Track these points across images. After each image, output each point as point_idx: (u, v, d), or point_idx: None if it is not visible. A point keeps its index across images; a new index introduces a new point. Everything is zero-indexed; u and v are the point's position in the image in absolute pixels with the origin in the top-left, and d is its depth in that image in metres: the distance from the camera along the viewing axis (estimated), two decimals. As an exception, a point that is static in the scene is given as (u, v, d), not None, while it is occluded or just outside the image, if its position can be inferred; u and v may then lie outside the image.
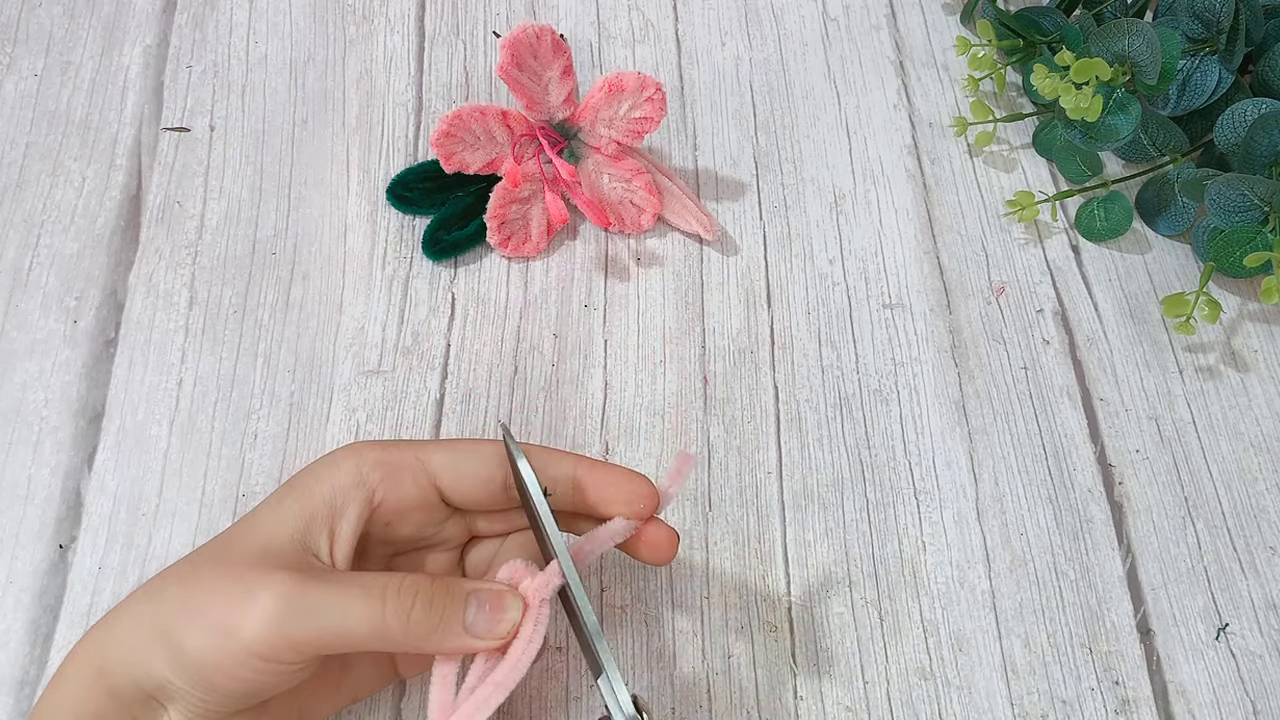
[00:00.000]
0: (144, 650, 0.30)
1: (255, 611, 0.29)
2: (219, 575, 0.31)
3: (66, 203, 0.49)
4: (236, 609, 0.29)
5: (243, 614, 0.29)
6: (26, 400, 0.44)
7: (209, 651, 0.30)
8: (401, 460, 0.34)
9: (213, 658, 0.30)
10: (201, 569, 0.32)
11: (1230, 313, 0.50)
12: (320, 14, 0.56)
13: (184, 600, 0.31)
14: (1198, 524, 0.45)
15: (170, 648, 0.30)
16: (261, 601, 0.29)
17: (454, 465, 0.34)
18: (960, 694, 0.40)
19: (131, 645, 0.31)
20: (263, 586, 0.30)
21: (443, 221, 0.49)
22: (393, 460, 0.34)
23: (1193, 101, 0.50)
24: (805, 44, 0.57)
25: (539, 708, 0.39)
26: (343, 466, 0.33)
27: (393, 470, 0.34)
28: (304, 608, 0.30)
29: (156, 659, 0.30)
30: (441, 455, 0.34)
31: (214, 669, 0.30)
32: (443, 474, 0.34)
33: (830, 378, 0.47)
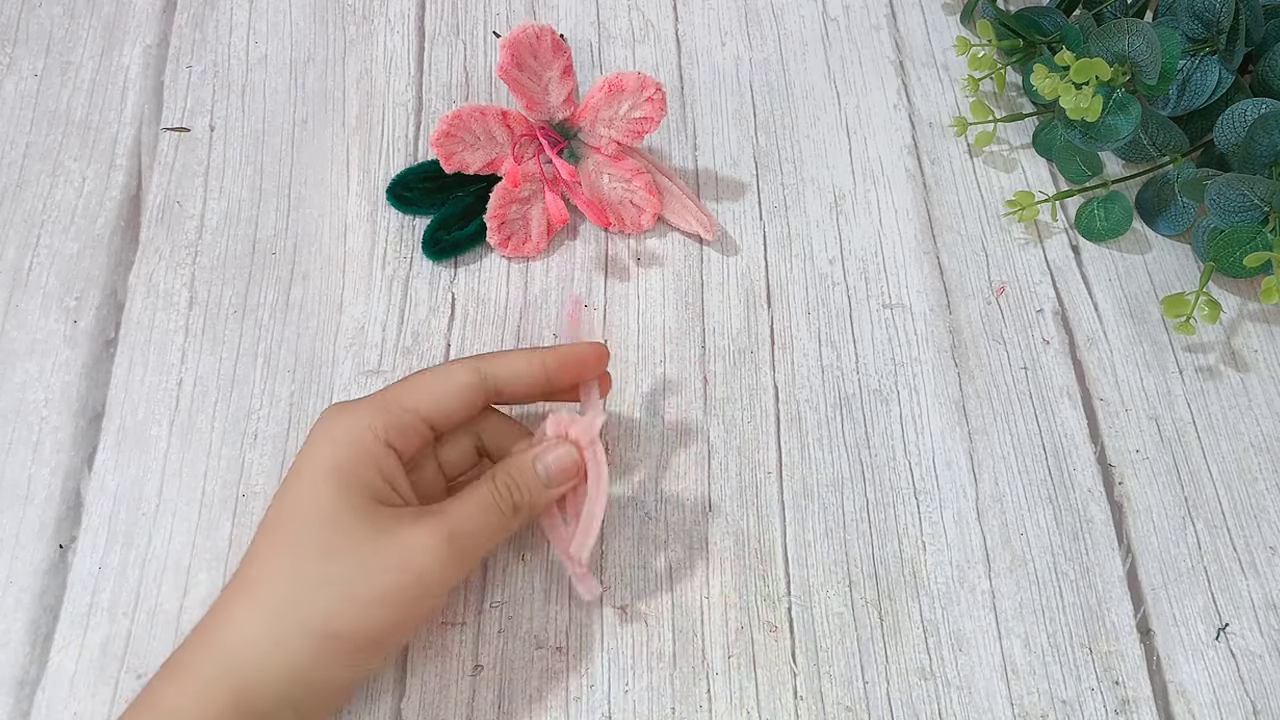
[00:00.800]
0: (303, 663, 0.33)
1: (430, 561, 0.34)
2: (366, 554, 0.34)
3: (66, 203, 0.49)
4: (413, 569, 0.34)
5: (421, 569, 0.34)
6: (26, 400, 0.44)
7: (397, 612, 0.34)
8: (403, 420, 0.37)
9: (401, 614, 0.34)
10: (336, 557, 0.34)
11: (1230, 313, 0.50)
12: (320, 14, 0.56)
13: (339, 590, 0.33)
14: (1198, 524, 0.45)
15: (343, 639, 0.33)
16: (429, 549, 0.34)
17: (436, 402, 0.37)
18: (960, 694, 0.40)
19: (283, 667, 0.33)
20: (421, 540, 0.34)
21: (443, 221, 0.49)
22: (398, 423, 0.36)
23: (1193, 101, 0.50)
24: (805, 44, 0.57)
25: (539, 707, 0.39)
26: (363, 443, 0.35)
27: (401, 431, 0.36)
28: (458, 540, 0.35)
29: (321, 664, 0.33)
30: (421, 396, 0.37)
31: (401, 623, 0.34)
32: (431, 413, 0.37)
33: (830, 378, 0.47)
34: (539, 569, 0.42)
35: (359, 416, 0.36)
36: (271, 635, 0.33)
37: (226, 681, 0.32)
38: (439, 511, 0.35)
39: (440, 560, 0.34)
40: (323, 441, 0.35)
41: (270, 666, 0.32)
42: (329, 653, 0.33)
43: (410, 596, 0.34)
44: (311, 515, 0.34)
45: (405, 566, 0.34)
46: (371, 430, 0.35)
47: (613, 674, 0.40)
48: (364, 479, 0.35)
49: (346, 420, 0.36)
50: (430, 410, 0.37)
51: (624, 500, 0.44)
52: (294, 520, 0.34)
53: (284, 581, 0.34)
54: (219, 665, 0.33)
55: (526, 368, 0.39)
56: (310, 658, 0.33)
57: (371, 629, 0.34)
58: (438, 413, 0.37)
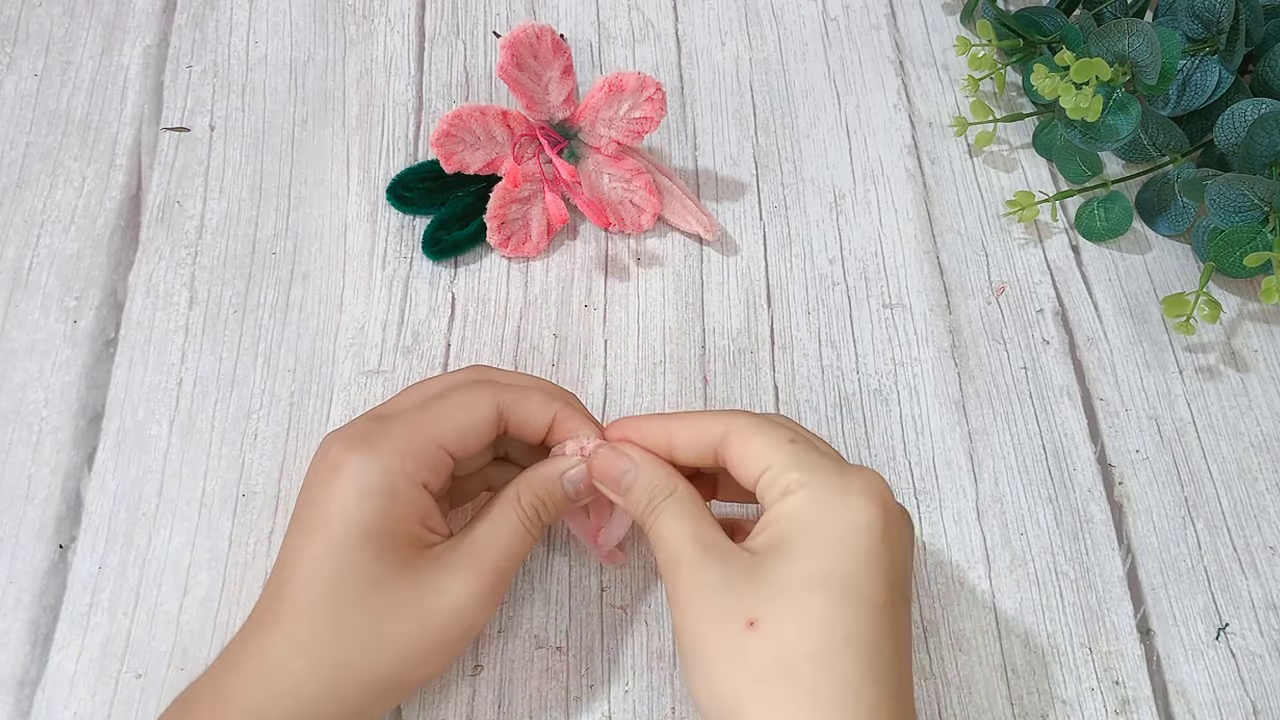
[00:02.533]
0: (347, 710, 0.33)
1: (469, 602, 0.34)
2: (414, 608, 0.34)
3: (66, 203, 0.49)
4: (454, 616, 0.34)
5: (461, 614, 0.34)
6: (26, 400, 0.44)
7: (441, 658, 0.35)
8: (433, 459, 0.35)
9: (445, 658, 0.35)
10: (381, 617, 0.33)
11: (1230, 313, 0.50)
12: (320, 14, 0.56)
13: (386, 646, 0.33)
14: (1198, 524, 0.45)
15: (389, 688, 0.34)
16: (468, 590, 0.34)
17: (461, 437, 0.36)
18: (960, 694, 0.40)
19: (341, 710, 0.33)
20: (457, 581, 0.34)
21: (443, 221, 0.49)
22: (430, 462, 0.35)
23: (1193, 101, 0.50)
24: (805, 44, 0.57)
25: (539, 707, 0.39)
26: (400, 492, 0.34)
27: (433, 470, 0.35)
28: (493, 572, 0.35)
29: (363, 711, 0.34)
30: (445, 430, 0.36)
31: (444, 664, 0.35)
32: (456, 448, 0.36)
33: (830, 378, 0.47)
34: (539, 569, 0.42)
35: (390, 460, 0.34)
36: (331, 690, 0.33)
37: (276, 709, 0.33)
38: (473, 551, 0.35)
39: (486, 603, 0.35)
40: (354, 493, 0.33)
41: (327, 714, 0.33)
42: (386, 699, 0.34)
43: (462, 641, 0.35)
44: (357, 579, 0.33)
45: (454, 616, 0.34)
46: (406, 478, 0.34)
47: (613, 674, 0.40)
48: (405, 533, 0.34)
49: (377, 466, 0.34)
50: (455, 445, 0.36)
51: (624, 500, 0.44)
52: (344, 578, 0.33)
53: (346, 644, 0.33)
54: (273, 710, 0.32)
55: (542, 414, 0.37)
56: (368, 704, 0.34)
57: (429, 674, 0.35)
58: (461, 448, 0.36)
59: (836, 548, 0.31)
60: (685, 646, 0.32)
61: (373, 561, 0.33)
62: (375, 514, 0.33)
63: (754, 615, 0.30)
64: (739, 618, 0.30)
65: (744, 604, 0.31)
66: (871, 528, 0.31)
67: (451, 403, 0.36)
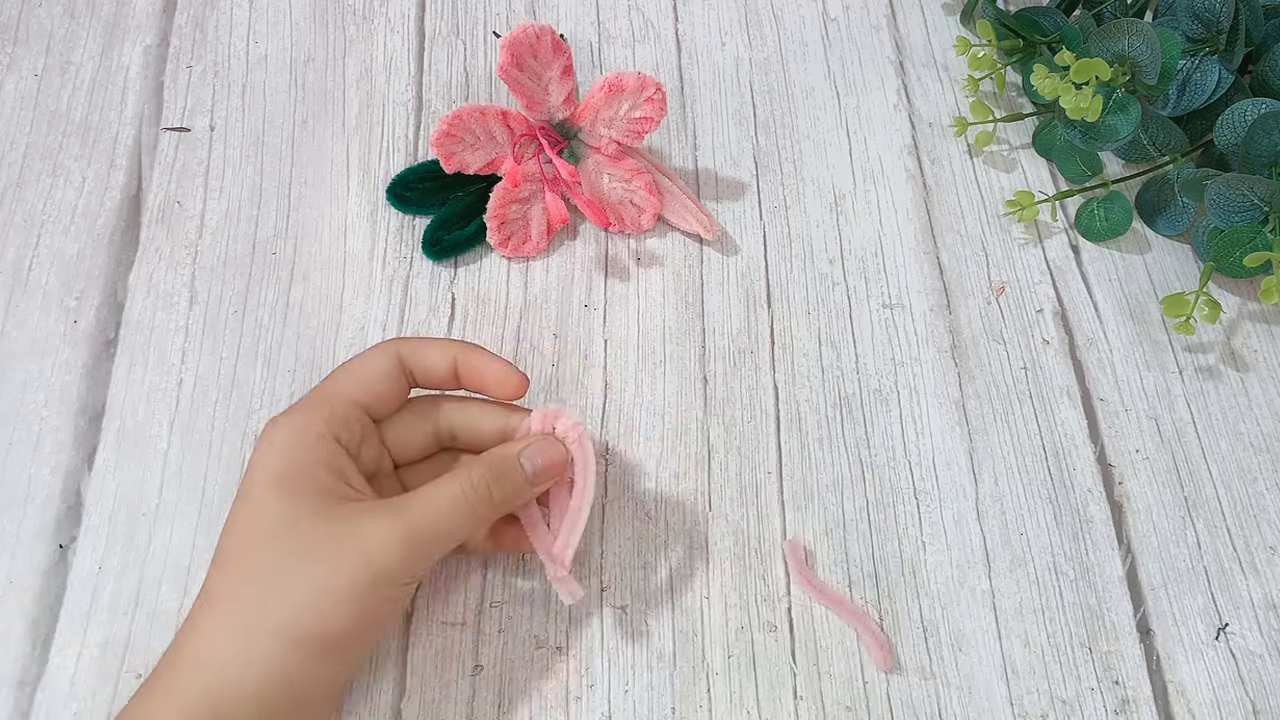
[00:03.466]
0: (274, 668, 0.32)
1: (387, 552, 0.33)
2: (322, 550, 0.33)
3: (66, 203, 0.49)
4: (370, 560, 0.33)
5: (377, 559, 0.33)
6: (26, 400, 0.44)
7: (359, 606, 0.33)
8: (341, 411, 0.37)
9: (364, 609, 0.33)
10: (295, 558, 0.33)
11: (1230, 313, 0.50)
12: (320, 14, 0.56)
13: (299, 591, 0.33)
14: (1198, 524, 0.45)
15: (311, 640, 0.33)
16: (386, 540, 0.34)
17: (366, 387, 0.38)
18: (960, 694, 0.40)
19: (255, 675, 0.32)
20: (377, 531, 0.34)
21: (443, 221, 0.49)
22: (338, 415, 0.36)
23: (1193, 101, 0.50)
24: (805, 44, 0.57)
25: (539, 707, 0.39)
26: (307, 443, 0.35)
27: (342, 422, 0.36)
28: (418, 531, 0.34)
29: (291, 666, 0.33)
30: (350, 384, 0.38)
31: (365, 617, 0.34)
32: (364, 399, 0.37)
33: (830, 378, 0.47)
34: (539, 569, 0.42)
35: (297, 417, 0.36)
36: (243, 645, 0.32)
37: (204, 700, 0.32)
38: (399, 506, 0.35)
39: (397, 557, 0.34)
40: (266, 452, 0.35)
41: (247, 678, 0.32)
42: (302, 655, 0.33)
43: (374, 592, 0.33)
44: (266, 524, 0.34)
45: (362, 561, 0.33)
46: (313, 428, 0.35)
47: (613, 674, 0.40)
48: (314, 479, 0.34)
49: (286, 425, 0.35)
50: (363, 396, 0.37)
51: (624, 500, 0.44)
52: (251, 531, 0.34)
53: (248, 590, 0.33)
54: (195, 684, 0.32)
55: (440, 362, 0.39)
56: (284, 663, 0.32)
57: (340, 626, 0.33)
58: (370, 397, 0.37)
59: None
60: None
61: (280, 504, 0.34)
62: (281, 461, 0.35)
63: None
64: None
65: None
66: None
67: (351, 360, 0.38)
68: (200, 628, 0.33)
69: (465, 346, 0.39)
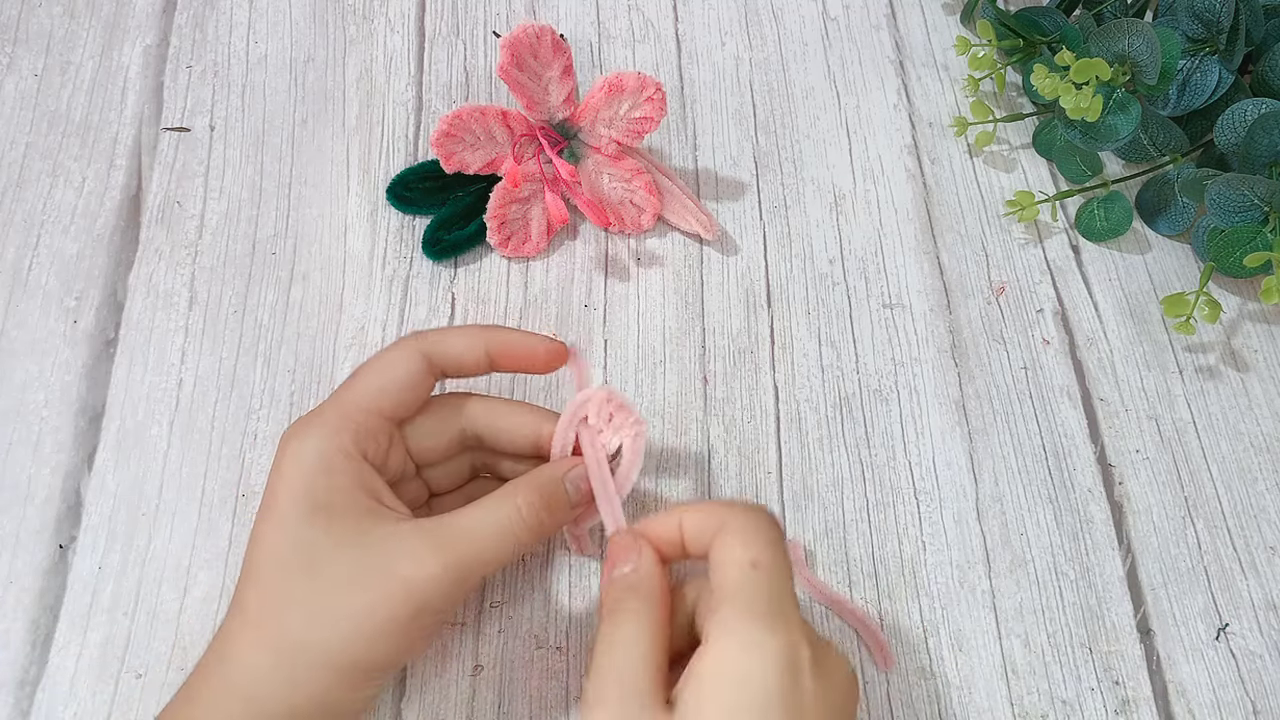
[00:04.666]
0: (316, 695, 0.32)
1: (431, 584, 0.33)
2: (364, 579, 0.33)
3: (66, 203, 0.49)
4: (413, 592, 0.33)
5: (422, 591, 0.33)
6: (26, 400, 0.44)
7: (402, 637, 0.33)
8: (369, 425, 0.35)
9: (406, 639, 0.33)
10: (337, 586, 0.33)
11: (1230, 313, 0.50)
12: (320, 14, 0.56)
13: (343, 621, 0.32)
14: (1198, 524, 0.45)
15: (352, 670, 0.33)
16: (430, 572, 0.33)
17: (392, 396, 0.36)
18: (960, 694, 0.40)
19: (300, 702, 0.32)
20: (421, 560, 0.33)
21: (443, 221, 0.49)
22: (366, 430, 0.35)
23: (1193, 101, 0.50)
24: (805, 44, 0.57)
25: (539, 707, 0.39)
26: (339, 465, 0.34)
27: (371, 438, 0.35)
28: (463, 561, 0.33)
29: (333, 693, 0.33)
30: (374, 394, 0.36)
31: (407, 646, 0.34)
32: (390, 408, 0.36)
33: (830, 378, 0.47)
34: (539, 569, 0.42)
35: (326, 435, 0.34)
36: (285, 672, 0.32)
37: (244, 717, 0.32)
38: (442, 534, 0.34)
39: (441, 588, 0.33)
40: (293, 471, 0.34)
41: (292, 704, 0.32)
42: (344, 682, 0.33)
43: (414, 624, 0.33)
44: (304, 549, 0.33)
45: (408, 595, 0.33)
46: (343, 450, 0.34)
47: (613, 674, 0.40)
48: (349, 503, 0.34)
49: (312, 443, 0.34)
50: (387, 404, 0.36)
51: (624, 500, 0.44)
52: (287, 553, 0.33)
53: (291, 617, 0.33)
54: (235, 701, 0.32)
55: (469, 351, 0.37)
56: (326, 689, 0.32)
57: (382, 656, 0.33)
58: (393, 403, 0.36)
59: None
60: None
61: (320, 534, 0.33)
62: (316, 488, 0.34)
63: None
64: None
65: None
66: (780, 701, 0.30)
67: (373, 365, 0.37)
68: (239, 648, 0.33)
69: (490, 330, 0.38)
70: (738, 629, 0.31)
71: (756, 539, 0.33)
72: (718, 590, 0.32)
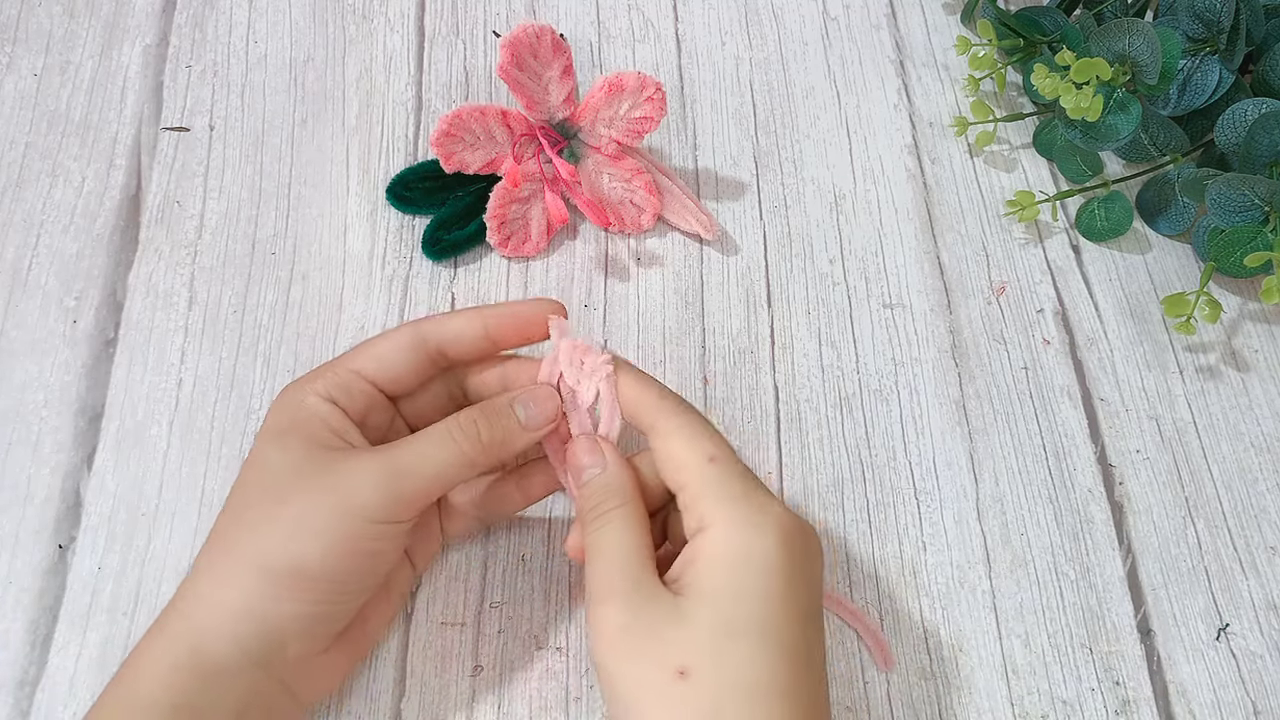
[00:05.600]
0: (250, 602, 0.33)
1: (365, 487, 0.33)
2: (303, 488, 0.33)
3: (66, 203, 0.49)
4: (346, 494, 0.33)
5: (354, 493, 0.33)
6: (26, 400, 0.44)
7: (334, 541, 0.33)
8: (344, 379, 0.37)
9: (339, 545, 0.33)
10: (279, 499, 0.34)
11: (1231, 313, 0.50)
12: (320, 14, 0.56)
13: (278, 526, 0.33)
14: (1198, 524, 0.44)
15: (285, 574, 0.33)
16: (365, 476, 0.33)
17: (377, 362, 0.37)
18: (960, 694, 0.40)
19: (231, 609, 0.33)
20: (358, 468, 0.34)
21: (443, 221, 0.49)
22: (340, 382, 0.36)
23: (1193, 101, 0.50)
24: (805, 44, 0.57)
25: (539, 707, 0.39)
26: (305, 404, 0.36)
27: (344, 390, 0.36)
28: (400, 469, 0.34)
29: (267, 600, 0.33)
30: (361, 357, 0.37)
31: (341, 554, 0.33)
32: (375, 374, 0.37)
33: (830, 378, 0.47)
34: (539, 569, 0.42)
35: (300, 383, 0.36)
36: (219, 578, 0.33)
37: (187, 638, 0.32)
38: (385, 448, 0.35)
39: (381, 492, 0.33)
40: (270, 415, 0.36)
41: (224, 613, 0.33)
42: (278, 588, 0.33)
43: (353, 529, 0.33)
44: (262, 474, 0.34)
45: (347, 498, 0.33)
46: (313, 392, 0.36)
47: (613, 674, 0.40)
48: (308, 433, 0.35)
49: (289, 390, 0.36)
50: (374, 371, 0.37)
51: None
52: (247, 483, 0.35)
53: (231, 529, 0.34)
54: (178, 622, 0.33)
55: (466, 327, 0.38)
56: (260, 595, 0.33)
57: (315, 560, 0.33)
58: (381, 373, 0.37)
59: (751, 593, 0.32)
60: (614, 690, 0.33)
61: (275, 453, 0.34)
62: (279, 418, 0.35)
63: (684, 665, 0.31)
64: (669, 666, 0.32)
65: (673, 651, 0.32)
66: (781, 571, 0.33)
67: (373, 338, 0.38)
68: (191, 573, 0.34)
69: (485, 307, 0.39)
70: (729, 513, 0.33)
71: (695, 435, 0.35)
72: (687, 488, 0.35)
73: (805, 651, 0.33)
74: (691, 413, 0.36)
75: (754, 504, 0.34)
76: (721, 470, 0.34)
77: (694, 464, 0.35)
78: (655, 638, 0.32)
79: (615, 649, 0.33)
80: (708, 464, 0.35)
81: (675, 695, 0.31)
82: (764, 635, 0.32)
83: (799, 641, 0.33)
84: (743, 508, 0.34)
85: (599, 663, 0.33)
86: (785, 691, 0.32)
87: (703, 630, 0.32)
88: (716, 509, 0.34)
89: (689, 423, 0.36)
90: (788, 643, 0.32)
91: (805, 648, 0.33)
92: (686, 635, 0.32)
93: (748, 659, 0.32)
